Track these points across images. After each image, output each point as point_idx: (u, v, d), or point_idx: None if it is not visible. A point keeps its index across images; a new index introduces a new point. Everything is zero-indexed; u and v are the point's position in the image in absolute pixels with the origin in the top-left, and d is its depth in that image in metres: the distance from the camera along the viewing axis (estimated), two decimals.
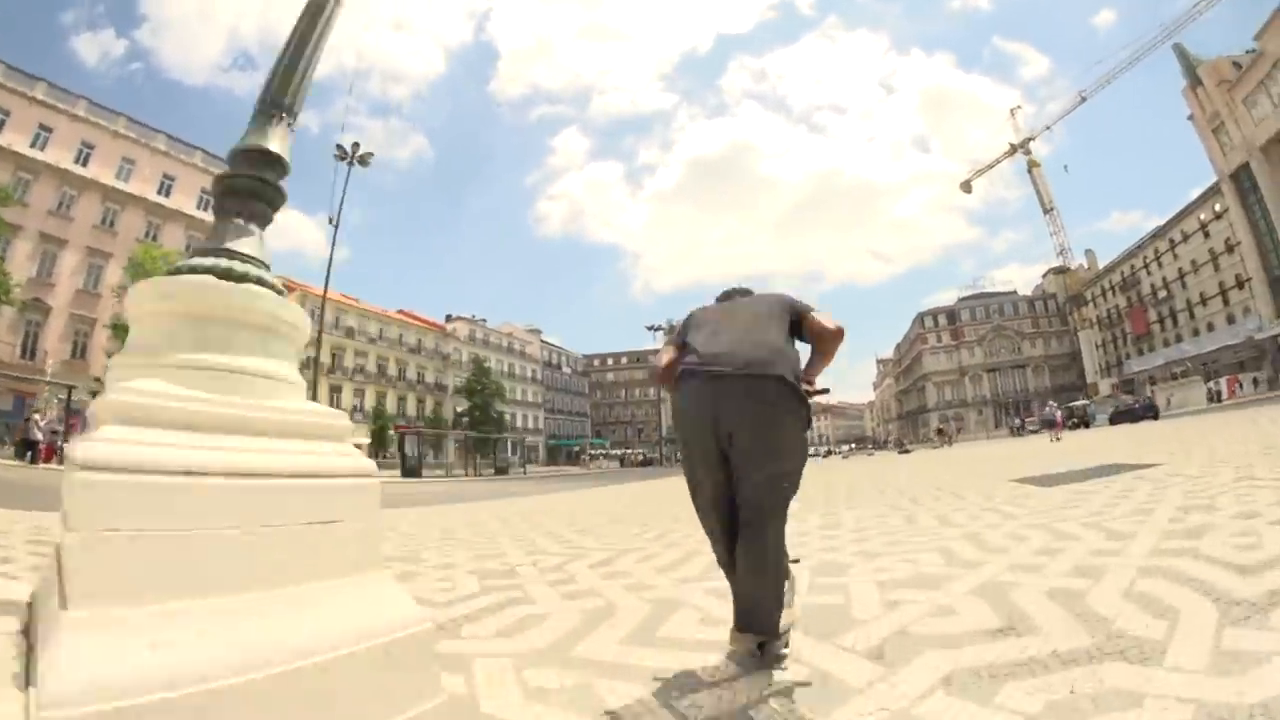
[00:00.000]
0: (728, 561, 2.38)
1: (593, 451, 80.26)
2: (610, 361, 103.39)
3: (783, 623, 2.34)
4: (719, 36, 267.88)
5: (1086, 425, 39.21)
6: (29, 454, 20.24)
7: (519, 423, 76.62)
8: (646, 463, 72.80)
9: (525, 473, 44.64)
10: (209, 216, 22.38)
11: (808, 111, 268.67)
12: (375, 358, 61.15)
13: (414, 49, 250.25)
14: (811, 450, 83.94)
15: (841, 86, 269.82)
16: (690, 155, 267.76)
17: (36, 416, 22.36)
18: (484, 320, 79.12)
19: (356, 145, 32.99)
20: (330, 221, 33.17)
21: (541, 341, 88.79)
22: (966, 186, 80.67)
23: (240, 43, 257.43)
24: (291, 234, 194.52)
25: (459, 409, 62.72)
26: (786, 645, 2.42)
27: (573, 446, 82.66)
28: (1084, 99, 72.50)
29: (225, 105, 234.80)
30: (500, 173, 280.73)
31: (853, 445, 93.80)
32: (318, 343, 34.95)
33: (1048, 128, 76.63)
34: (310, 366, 32.35)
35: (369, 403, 57.44)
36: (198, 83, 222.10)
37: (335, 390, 54.79)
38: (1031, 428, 50.96)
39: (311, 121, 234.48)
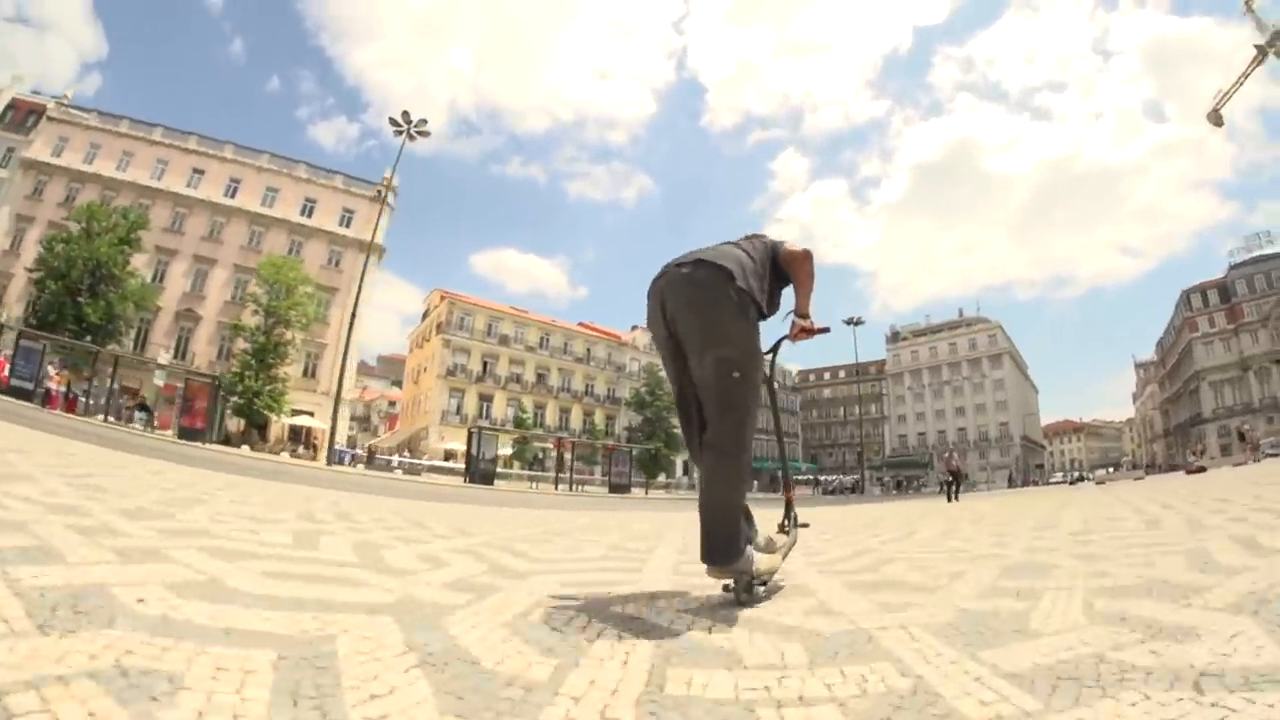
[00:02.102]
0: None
1: (799, 476, 67.58)
2: (827, 375, 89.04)
3: (759, 563, 2.36)
4: (916, 30, 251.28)
5: None
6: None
7: None
8: (844, 490, 57.17)
9: (647, 494, 38.06)
10: (347, 231, 39.93)
11: (1025, 95, 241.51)
12: (534, 367, 59.42)
13: (623, 95, 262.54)
14: (1059, 476, 70.06)
15: (1054, 60, 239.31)
16: (912, 161, 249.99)
17: (50, 369, 25.21)
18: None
19: (407, 114, 33.69)
20: (385, 199, 33.64)
21: None
22: (1215, 118, 62.41)
23: (460, 113, 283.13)
24: (530, 276, 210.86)
25: (633, 423, 58.96)
26: (762, 585, 2.44)
27: (777, 471, 69.80)
28: None
29: (455, 170, 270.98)
30: (725, 201, 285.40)
31: (1109, 469, 71.14)
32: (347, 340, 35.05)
33: None
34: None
35: (525, 414, 55.32)
36: (428, 152, 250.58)
37: (485, 399, 53.76)
38: None
39: (538, 172, 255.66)
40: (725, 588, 2.39)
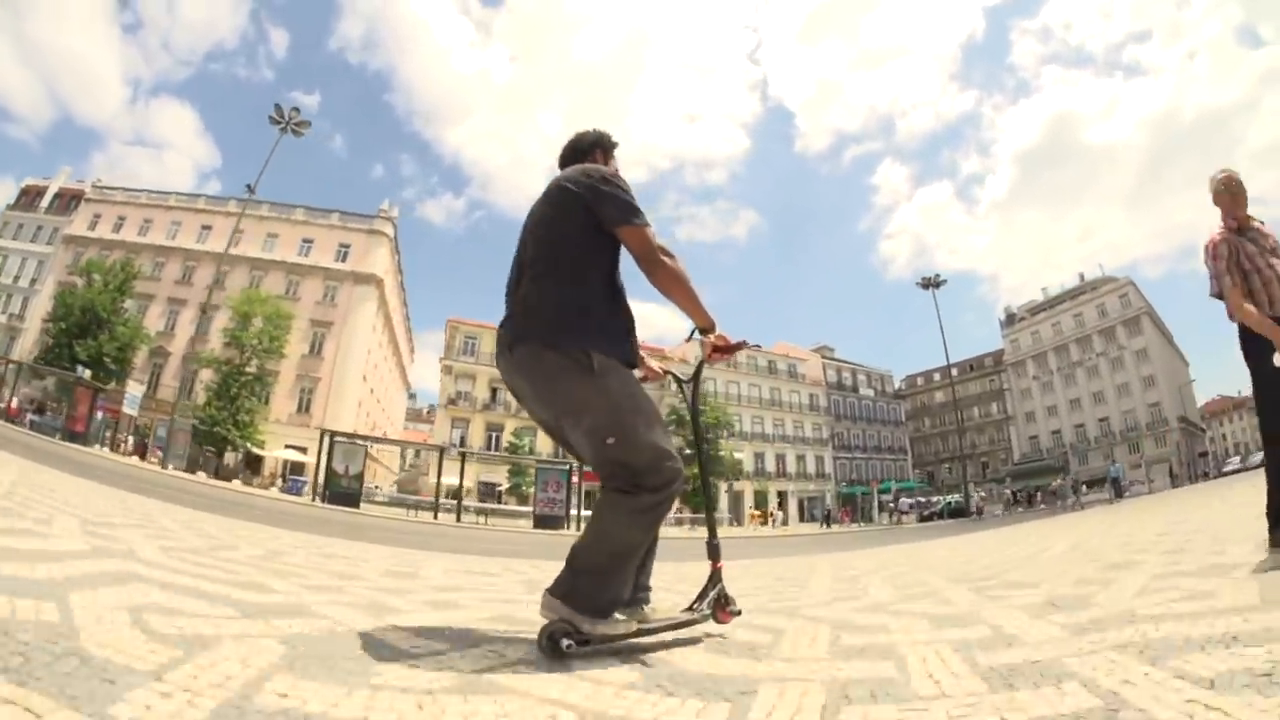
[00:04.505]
0: None
1: (893, 499, 50.06)
2: (938, 377, 72.18)
3: (601, 626, 2.04)
4: (987, 11, 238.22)
5: None
6: None
7: (788, 467, 61.27)
8: (953, 513, 41.16)
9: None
10: (343, 265, 44.53)
11: (1111, 52, 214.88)
12: None
13: (714, 134, 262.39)
14: (1234, 463, 52.13)
15: (1132, 8, 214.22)
16: (1012, 150, 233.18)
17: None
18: (754, 344, 66.78)
19: (281, 108, 33.34)
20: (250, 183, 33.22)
21: (826, 359, 70.29)
22: None
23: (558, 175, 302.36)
24: (649, 323, 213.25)
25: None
26: (577, 643, 1.98)
27: (882, 494, 55.35)
28: None
29: None
30: (833, 223, 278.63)
31: None
32: None
33: None
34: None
35: (507, 438, 48.45)
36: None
37: (494, 428, 49.55)
38: None
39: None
40: (552, 635, 1.96)
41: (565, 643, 1.93)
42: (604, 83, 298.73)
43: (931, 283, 45.96)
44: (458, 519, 24.94)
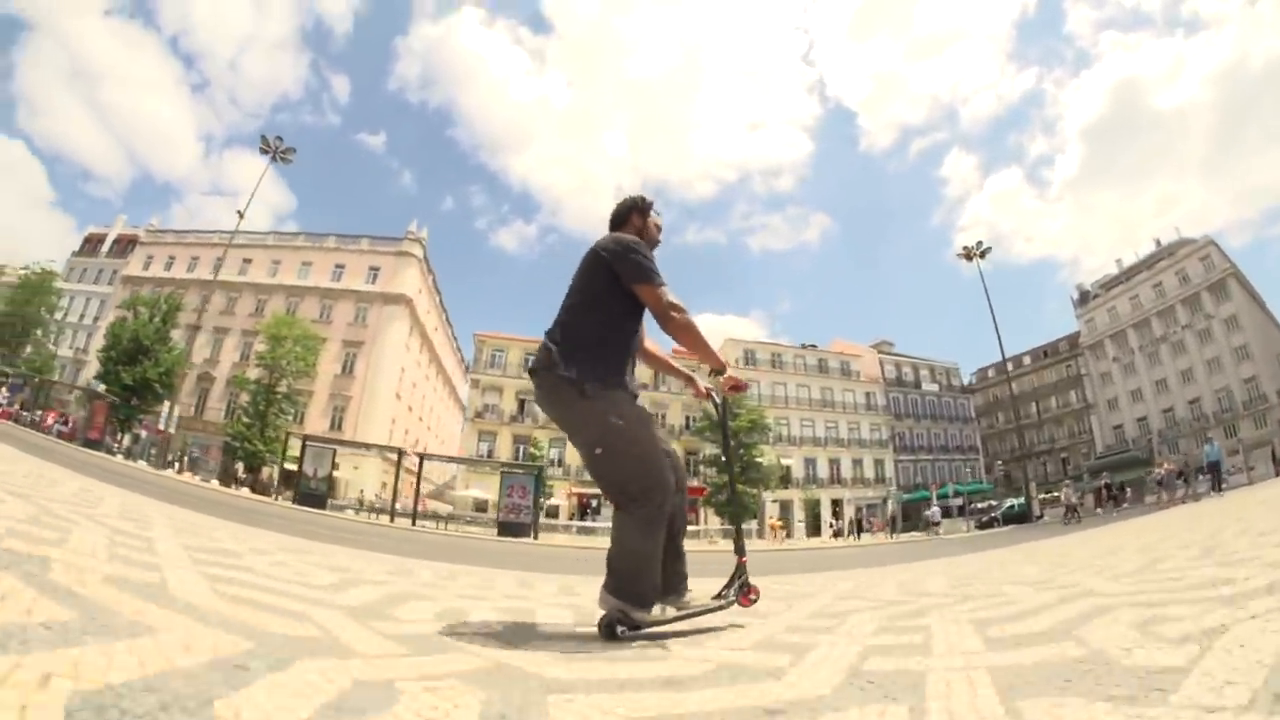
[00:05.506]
0: None
1: (934, 509, 38.44)
2: (1010, 367, 59.56)
3: (645, 614, 2.41)
4: None
5: None
6: None
7: (844, 472, 56.85)
8: (1010, 519, 36.38)
9: (536, 538, 25.13)
10: (373, 287, 47.66)
11: (1169, 9, 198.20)
12: None
13: (777, 140, 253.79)
14: None
15: None
16: (1078, 126, 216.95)
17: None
18: (812, 344, 63.83)
19: (267, 138, 36.75)
20: (240, 209, 35.18)
21: (883, 354, 65.97)
22: None
23: (627, 194, 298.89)
24: (729, 338, 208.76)
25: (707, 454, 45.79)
26: (630, 629, 2.35)
27: (941, 499, 47.33)
28: None
29: None
30: (906, 220, 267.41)
31: None
32: None
33: None
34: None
35: (540, 451, 45.90)
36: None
37: (521, 440, 48.30)
38: None
39: (717, 235, 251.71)
40: (609, 624, 2.33)
41: (620, 629, 2.29)
42: (663, 99, 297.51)
43: (974, 252, 40.86)
44: (413, 523, 25.21)
